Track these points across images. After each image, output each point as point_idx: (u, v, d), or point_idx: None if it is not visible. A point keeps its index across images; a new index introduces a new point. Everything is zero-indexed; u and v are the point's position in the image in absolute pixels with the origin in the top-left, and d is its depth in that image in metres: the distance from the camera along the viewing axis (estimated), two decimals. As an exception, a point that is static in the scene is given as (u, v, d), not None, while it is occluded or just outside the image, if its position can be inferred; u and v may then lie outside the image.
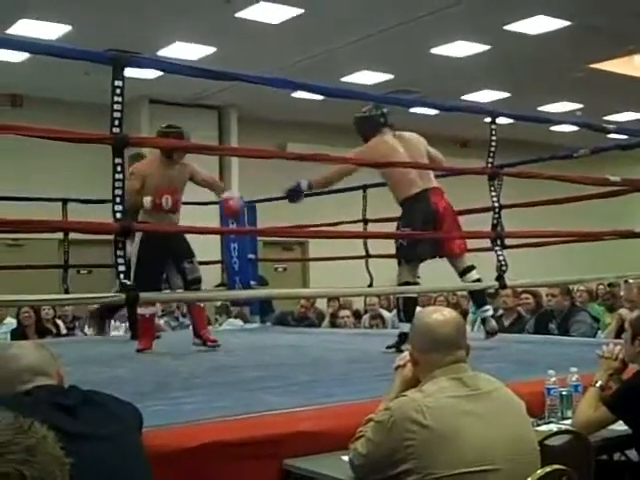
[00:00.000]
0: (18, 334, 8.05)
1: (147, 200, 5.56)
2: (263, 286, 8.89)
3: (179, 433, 2.86)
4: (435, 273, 5.94)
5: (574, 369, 3.56)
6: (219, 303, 9.56)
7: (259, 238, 9.10)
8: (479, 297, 5.94)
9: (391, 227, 5.83)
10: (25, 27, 9.19)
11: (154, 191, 5.60)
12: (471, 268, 5.58)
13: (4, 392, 2.21)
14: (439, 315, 2.55)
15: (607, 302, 8.37)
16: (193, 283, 5.89)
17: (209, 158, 11.91)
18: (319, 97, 11.25)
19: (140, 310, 5.95)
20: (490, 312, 5.82)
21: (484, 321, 5.78)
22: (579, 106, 14.27)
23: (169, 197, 5.66)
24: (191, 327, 6.27)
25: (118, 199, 3.60)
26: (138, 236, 5.66)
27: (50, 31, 9.36)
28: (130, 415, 2.36)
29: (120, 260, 3.60)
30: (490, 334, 5.63)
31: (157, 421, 2.83)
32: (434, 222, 5.44)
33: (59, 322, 8.88)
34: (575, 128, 12.80)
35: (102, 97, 3.80)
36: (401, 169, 5.39)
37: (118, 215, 3.61)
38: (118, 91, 3.59)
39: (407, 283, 5.48)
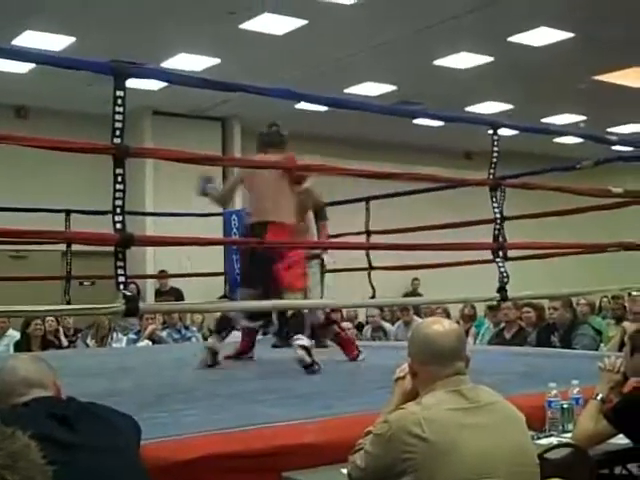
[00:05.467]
0: (22, 346, 8.06)
1: None
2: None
3: (178, 445, 2.85)
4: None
5: (575, 382, 3.55)
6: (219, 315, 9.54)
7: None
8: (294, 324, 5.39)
9: (394, 239, 5.78)
10: (30, 38, 9.23)
11: None
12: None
13: (1, 405, 2.22)
14: (439, 326, 2.52)
15: (616, 313, 8.29)
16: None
17: (213, 170, 11.96)
18: (323, 109, 11.29)
19: (243, 323, 5.72)
20: (305, 342, 5.20)
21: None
22: (583, 118, 14.27)
23: None
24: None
25: (119, 209, 3.60)
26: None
27: (54, 42, 9.38)
28: (129, 427, 2.36)
29: (120, 271, 3.60)
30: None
31: (157, 433, 2.83)
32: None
33: (61, 334, 8.88)
34: (579, 140, 12.83)
35: (105, 108, 3.81)
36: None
37: (118, 226, 3.61)
38: (119, 101, 3.60)
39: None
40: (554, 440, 3.16)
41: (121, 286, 3.60)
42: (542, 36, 9.97)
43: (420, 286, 14.13)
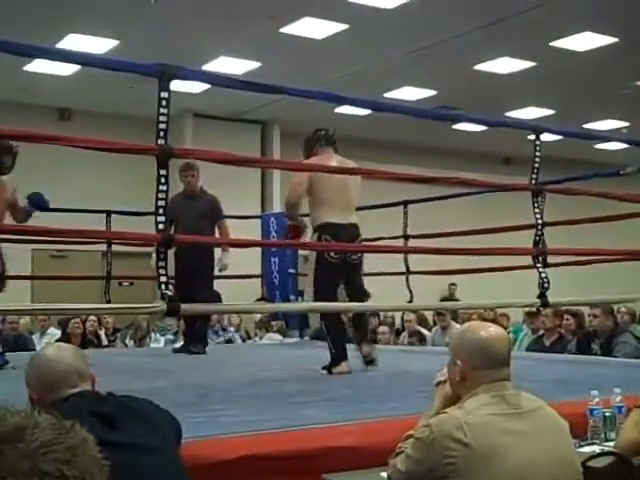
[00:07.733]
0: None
1: None
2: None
3: (218, 445, 2.86)
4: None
5: (618, 390, 3.50)
6: (258, 317, 9.57)
7: (300, 252, 9.09)
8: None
9: (431, 243, 5.76)
10: (74, 41, 9.36)
11: None
12: None
13: (51, 394, 2.21)
14: (491, 331, 2.49)
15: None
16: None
17: (251, 173, 12.01)
18: (362, 113, 11.29)
19: None
20: None
21: None
22: (625, 124, 14.10)
23: None
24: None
25: (161, 210, 3.63)
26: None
27: (98, 45, 9.51)
28: (168, 424, 2.34)
29: (162, 271, 3.62)
30: None
31: (196, 432, 2.84)
32: None
33: (101, 333, 8.97)
34: (621, 146, 12.69)
35: (144, 110, 3.85)
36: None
37: (161, 226, 3.64)
38: (164, 103, 3.63)
39: None
40: (596, 448, 3.12)
41: (162, 286, 3.63)
42: (585, 41, 9.89)
43: (457, 291, 14.10)
